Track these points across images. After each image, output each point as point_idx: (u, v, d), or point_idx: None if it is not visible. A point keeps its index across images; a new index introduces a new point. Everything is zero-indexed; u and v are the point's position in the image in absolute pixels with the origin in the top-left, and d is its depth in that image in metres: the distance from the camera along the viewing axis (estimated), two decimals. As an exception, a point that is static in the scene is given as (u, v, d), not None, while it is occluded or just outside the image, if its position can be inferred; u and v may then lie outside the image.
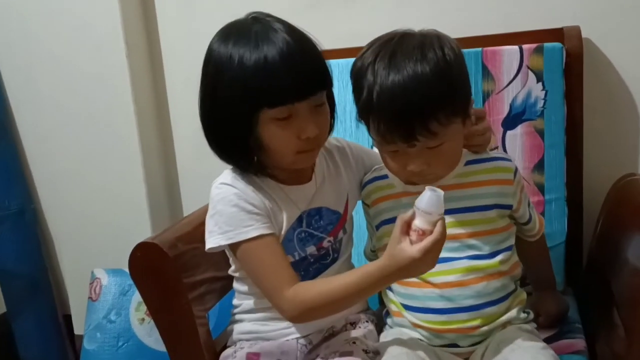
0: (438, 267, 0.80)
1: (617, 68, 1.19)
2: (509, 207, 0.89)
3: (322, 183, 0.94)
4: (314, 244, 0.92)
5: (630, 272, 0.90)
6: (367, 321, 0.98)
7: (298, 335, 0.92)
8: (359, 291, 0.82)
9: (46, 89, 1.52)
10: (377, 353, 0.91)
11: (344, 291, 0.82)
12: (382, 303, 1.06)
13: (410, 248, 0.75)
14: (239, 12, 1.39)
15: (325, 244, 0.93)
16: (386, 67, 0.80)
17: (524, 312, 0.92)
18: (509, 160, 0.92)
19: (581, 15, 1.17)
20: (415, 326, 0.89)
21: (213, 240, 0.88)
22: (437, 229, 0.75)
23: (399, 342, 0.89)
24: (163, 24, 1.48)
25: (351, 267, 0.99)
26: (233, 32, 0.84)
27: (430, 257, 0.75)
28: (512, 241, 0.91)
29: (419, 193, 0.78)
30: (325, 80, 0.85)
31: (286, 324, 0.92)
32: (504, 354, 0.82)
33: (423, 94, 0.78)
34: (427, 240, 0.74)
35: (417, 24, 1.25)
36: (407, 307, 0.90)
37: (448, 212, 0.83)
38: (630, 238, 0.96)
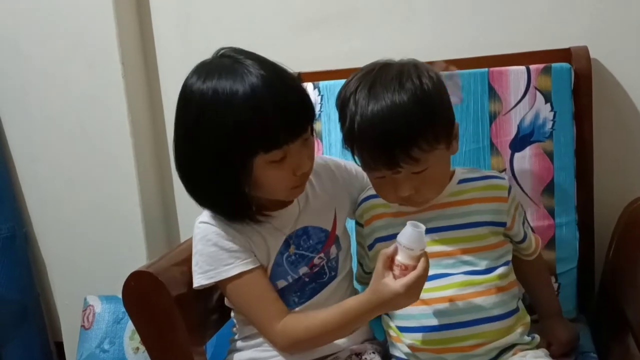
0: (434, 283, 0.84)
1: (625, 88, 1.17)
2: (503, 224, 0.90)
3: (306, 203, 0.93)
4: (305, 264, 0.92)
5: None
6: (373, 352, 0.94)
7: None
8: (343, 326, 0.85)
9: (39, 108, 1.49)
10: None
11: (330, 326, 0.85)
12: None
13: (394, 283, 0.78)
14: (236, 31, 1.39)
15: (316, 261, 0.92)
16: (366, 97, 0.82)
17: (528, 335, 0.89)
18: (503, 178, 0.94)
19: (588, 35, 1.15)
20: (414, 350, 0.87)
21: (196, 279, 0.89)
22: (420, 264, 0.78)
23: None
24: (159, 43, 1.46)
25: (351, 284, 0.99)
26: (212, 74, 0.81)
27: (413, 292, 0.78)
28: (509, 257, 0.91)
29: (414, 213, 0.87)
30: (312, 113, 0.85)
31: None
32: None
33: (402, 123, 0.80)
34: (411, 276, 0.77)
35: (421, 44, 1.25)
36: (404, 329, 0.89)
37: (441, 229, 0.88)
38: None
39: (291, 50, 1.34)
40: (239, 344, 0.95)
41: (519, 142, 1.10)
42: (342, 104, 0.86)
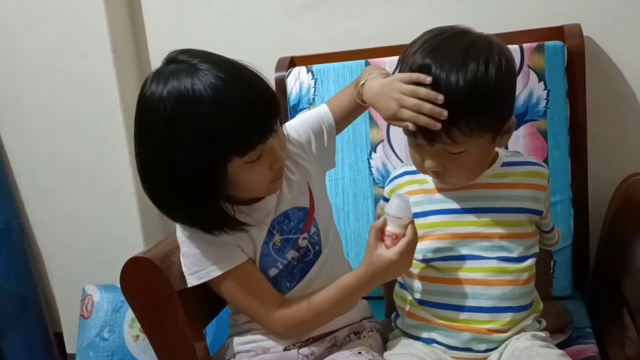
0: (468, 263, 0.86)
1: (618, 66, 1.17)
2: (540, 212, 0.88)
3: (281, 190, 0.91)
4: (291, 247, 0.91)
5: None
6: (371, 330, 0.96)
7: (298, 340, 0.91)
8: (341, 303, 0.87)
9: (31, 99, 1.48)
10: None
11: (328, 304, 0.87)
12: (387, 315, 1.03)
13: (387, 252, 0.81)
14: (228, 16, 1.38)
15: (301, 242, 0.91)
16: (423, 54, 0.79)
17: (537, 320, 0.90)
18: (543, 166, 0.91)
19: (581, 12, 1.15)
20: (430, 322, 0.88)
21: (188, 280, 0.89)
22: (409, 231, 0.81)
23: (408, 353, 0.86)
24: (151, 30, 1.45)
25: (339, 254, 0.98)
26: (170, 85, 0.77)
27: (406, 258, 0.82)
28: (537, 249, 0.89)
29: (454, 190, 0.88)
30: (279, 108, 0.82)
31: None
32: (523, 358, 0.80)
33: (450, 101, 0.75)
34: (402, 243, 0.80)
35: (414, 23, 1.23)
36: (424, 303, 0.89)
37: (480, 210, 0.87)
38: (640, 238, 0.94)
39: (284, 34, 1.33)
40: (238, 327, 0.96)
41: (513, 121, 1.10)
42: (401, 59, 0.84)
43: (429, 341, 0.89)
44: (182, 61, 0.80)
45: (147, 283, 0.91)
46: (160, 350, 0.94)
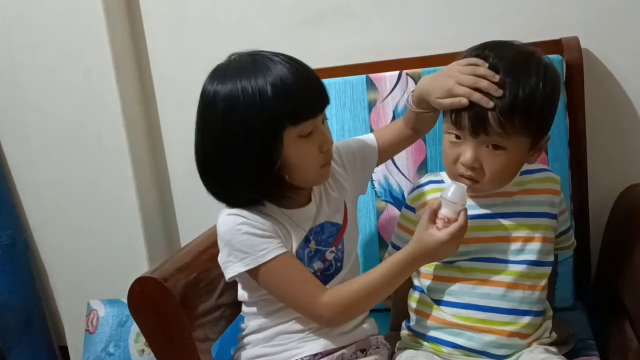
0: (493, 265, 0.89)
1: (617, 78, 1.18)
2: (555, 216, 0.93)
3: (321, 201, 0.96)
4: (319, 258, 0.94)
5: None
6: (377, 347, 0.97)
7: (307, 353, 0.91)
8: (390, 280, 0.87)
9: (34, 115, 1.49)
10: None
11: (377, 283, 0.87)
12: (393, 327, 1.04)
13: (438, 232, 0.83)
14: (229, 32, 1.39)
15: (328, 255, 0.95)
16: (492, 54, 0.84)
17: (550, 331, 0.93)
18: (552, 172, 0.97)
19: (579, 25, 1.16)
20: (448, 323, 0.90)
21: (231, 269, 0.89)
22: (461, 217, 0.83)
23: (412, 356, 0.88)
24: (152, 46, 1.46)
25: (358, 271, 1.01)
26: (232, 69, 0.87)
27: (455, 242, 0.84)
28: (552, 257, 0.94)
29: (478, 197, 0.91)
30: (329, 98, 0.90)
31: (295, 342, 0.92)
32: None
33: (512, 95, 0.80)
34: (454, 226, 0.82)
35: (416, 39, 1.25)
36: (442, 303, 0.91)
37: (506, 215, 0.90)
38: (640, 249, 0.95)
39: (285, 48, 1.32)
40: (247, 339, 0.96)
41: (514, 135, 1.11)
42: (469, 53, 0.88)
43: (446, 343, 0.90)
44: (243, 54, 0.90)
45: (154, 302, 0.91)
46: (167, 367, 0.95)
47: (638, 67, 1.17)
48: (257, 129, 0.84)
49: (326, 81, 1.19)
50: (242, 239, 0.88)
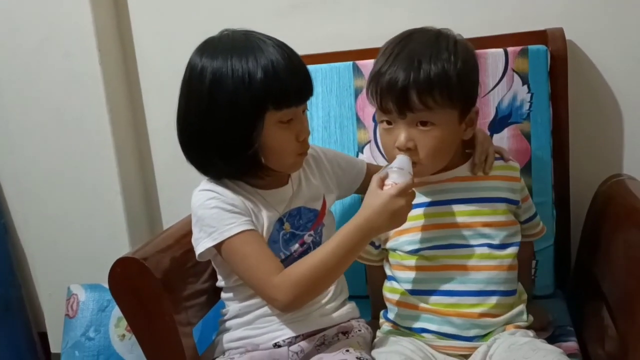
0: (455, 251, 0.91)
1: (600, 69, 1.19)
2: (516, 202, 0.95)
3: (299, 187, 0.98)
4: (296, 242, 0.95)
5: (624, 273, 0.90)
6: (359, 330, 0.98)
7: (288, 335, 0.92)
8: (343, 253, 0.85)
9: (14, 98, 1.46)
10: None
11: (330, 257, 0.85)
12: (374, 316, 1.05)
13: (387, 189, 0.83)
14: (215, 16, 1.38)
15: (307, 238, 0.96)
16: (398, 43, 0.89)
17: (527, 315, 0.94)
18: (514, 160, 0.99)
19: (564, 17, 1.17)
20: (421, 310, 0.91)
21: (201, 245, 0.90)
22: (409, 177, 0.84)
23: (395, 351, 0.88)
24: (137, 29, 1.44)
25: None
26: (223, 45, 0.89)
27: (405, 200, 0.83)
28: (519, 238, 0.95)
29: (436, 183, 0.94)
30: (313, 88, 0.92)
31: (276, 324, 0.93)
32: (523, 352, 0.82)
33: (429, 71, 0.84)
34: (402, 183, 0.83)
35: (399, 26, 1.24)
36: (415, 292, 0.93)
37: (463, 201, 0.93)
38: (619, 238, 0.97)
39: (272, 33, 1.31)
40: (228, 323, 0.97)
41: (498, 124, 1.12)
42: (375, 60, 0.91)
43: (420, 330, 0.92)
44: (236, 31, 0.92)
45: (135, 283, 0.91)
46: (148, 349, 0.95)
47: (621, 59, 1.18)
48: (241, 108, 0.86)
49: (313, 67, 1.21)
50: (212, 213, 0.89)
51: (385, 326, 0.97)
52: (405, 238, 0.94)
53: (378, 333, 0.98)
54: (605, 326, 0.98)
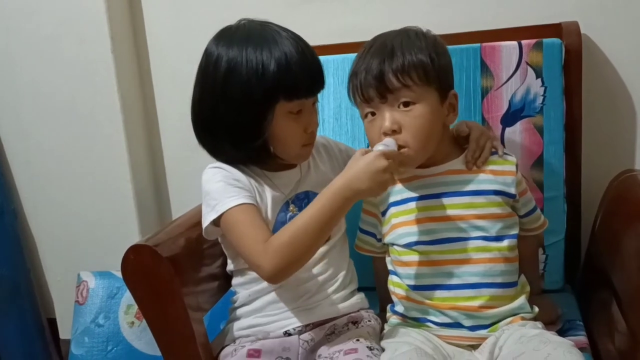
0: (450, 245, 0.91)
1: (614, 64, 1.18)
2: (513, 196, 0.94)
3: (308, 171, 0.99)
4: None
5: (635, 268, 0.90)
6: (369, 320, 0.98)
7: (299, 324, 0.93)
8: (325, 215, 0.84)
9: (27, 84, 1.47)
10: (381, 350, 0.90)
11: (312, 220, 0.84)
12: (381, 309, 1.05)
13: (371, 153, 0.84)
14: (227, 6, 1.37)
15: None
16: (370, 43, 0.94)
17: (530, 306, 0.94)
18: (511, 155, 0.98)
19: (579, 10, 1.16)
20: (422, 304, 0.92)
21: (206, 219, 0.92)
22: (395, 149, 0.86)
23: (406, 342, 0.89)
24: (149, 17, 1.44)
25: (344, 248, 1.02)
26: (239, 35, 0.91)
27: (387, 163, 0.82)
28: (516, 230, 0.95)
29: (431, 176, 0.94)
30: (324, 82, 0.94)
31: (286, 312, 0.94)
32: (533, 344, 0.83)
33: (400, 48, 0.89)
34: (385, 148, 0.84)
35: (413, 18, 1.24)
36: (415, 287, 0.94)
37: (457, 194, 0.93)
38: (631, 234, 0.96)
39: (285, 25, 1.32)
40: (239, 311, 0.97)
41: (510, 117, 1.11)
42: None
43: (425, 321, 0.93)
44: (252, 21, 0.94)
45: (148, 270, 0.91)
46: (160, 336, 0.95)
47: (636, 55, 1.17)
48: (252, 97, 0.88)
49: (325, 58, 1.21)
50: (217, 186, 0.91)
51: (394, 319, 0.98)
52: (400, 231, 0.95)
53: (386, 326, 0.99)
54: (615, 321, 0.98)
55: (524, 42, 1.10)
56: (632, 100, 1.19)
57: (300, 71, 0.88)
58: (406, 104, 0.88)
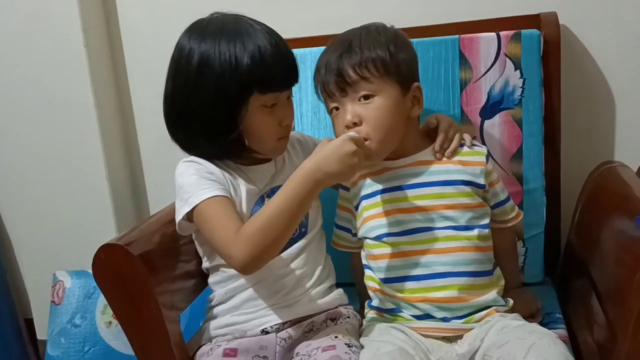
0: (418, 236, 0.92)
1: (593, 55, 1.18)
2: (482, 186, 0.95)
3: (283, 166, 0.99)
4: None
5: (613, 261, 0.89)
6: (348, 317, 0.98)
7: (276, 322, 0.92)
8: (294, 200, 0.83)
9: (-2, 82, 1.43)
10: (360, 347, 0.90)
11: (281, 206, 0.83)
12: (362, 306, 1.04)
13: (338, 138, 0.85)
14: (202, 4, 1.33)
15: None
16: (331, 41, 0.96)
17: (504, 298, 0.94)
18: (481, 146, 0.99)
19: (557, 1, 1.15)
20: (395, 297, 0.93)
21: (179, 213, 0.91)
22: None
23: (386, 340, 0.88)
24: (122, 9, 1.41)
25: (321, 243, 1.01)
26: (212, 28, 0.89)
27: (355, 147, 0.82)
28: (487, 220, 0.95)
29: (399, 167, 0.95)
30: (298, 75, 0.94)
31: (264, 309, 0.92)
32: (517, 333, 0.83)
33: (358, 43, 0.90)
34: (352, 132, 0.86)
35: (390, 9, 1.23)
36: (387, 280, 0.94)
37: (426, 184, 0.94)
38: (610, 226, 0.96)
39: (262, 16, 1.30)
40: (215, 310, 0.96)
41: (489, 110, 1.10)
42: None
43: (399, 311, 0.93)
44: (226, 14, 0.93)
45: (120, 270, 0.89)
46: (133, 337, 0.94)
47: (615, 45, 1.17)
48: (226, 91, 0.87)
49: (302, 51, 1.20)
50: (189, 180, 0.90)
51: (371, 314, 0.97)
52: (371, 224, 0.95)
53: (364, 322, 0.98)
54: (594, 314, 0.98)
55: (502, 33, 1.09)
56: (611, 92, 1.19)
57: (274, 64, 0.87)
58: (366, 97, 0.89)
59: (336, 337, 0.90)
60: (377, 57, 0.89)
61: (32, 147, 1.46)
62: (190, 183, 0.90)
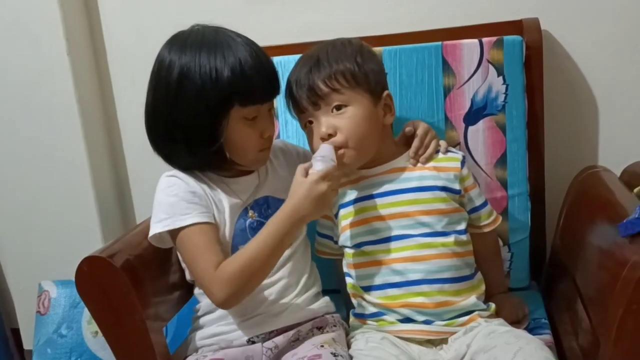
0: (395, 244, 0.92)
1: (575, 60, 1.18)
2: (458, 192, 0.96)
3: (266, 177, 0.99)
4: None
5: (597, 266, 0.90)
6: (334, 325, 0.98)
7: (262, 331, 0.92)
8: (275, 242, 0.86)
9: (-20, 90, 1.42)
10: (348, 357, 0.89)
11: (262, 248, 0.85)
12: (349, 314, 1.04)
13: (310, 177, 0.85)
14: (186, 5, 1.34)
15: None
16: (304, 54, 0.97)
17: (485, 303, 0.95)
18: (456, 152, 1.00)
19: (539, 7, 1.16)
20: (375, 305, 0.93)
21: (152, 229, 0.91)
22: (332, 163, 0.86)
23: (379, 356, 0.87)
24: (105, 17, 1.40)
25: (306, 252, 1.02)
26: (192, 41, 0.89)
27: (327, 185, 0.84)
28: (464, 225, 0.96)
29: (375, 175, 0.96)
30: (280, 87, 0.94)
31: (249, 319, 0.93)
32: (505, 338, 0.84)
33: (326, 57, 0.92)
34: (323, 169, 0.85)
35: (373, 16, 1.23)
36: (366, 288, 0.95)
37: (401, 191, 0.94)
38: (593, 231, 0.97)
39: (244, 25, 1.29)
40: (202, 320, 0.96)
41: (473, 116, 1.11)
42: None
43: (381, 314, 0.94)
44: (206, 26, 0.93)
45: (103, 283, 0.89)
46: (117, 348, 0.94)
47: (597, 50, 1.17)
48: (207, 103, 0.87)
49: (286, 58, 1.19)
50: (171, 200, 0.90)
51: (355, 322, 0.98)
52: (349, 232, 0.96)
53: (350, 331, 0.98)
54: (579, 319, 0.98)
55: (484, 39, 1.09)
56: (593, 96, 1.20)
57: (254, 76, 0.87)
58: (339, 108, 0.91)
59: (322, 346, 0.90)
60: (346, 68, 0.91)
61: (16, 156, 1.44)
62: (170, 204, 0.90)
